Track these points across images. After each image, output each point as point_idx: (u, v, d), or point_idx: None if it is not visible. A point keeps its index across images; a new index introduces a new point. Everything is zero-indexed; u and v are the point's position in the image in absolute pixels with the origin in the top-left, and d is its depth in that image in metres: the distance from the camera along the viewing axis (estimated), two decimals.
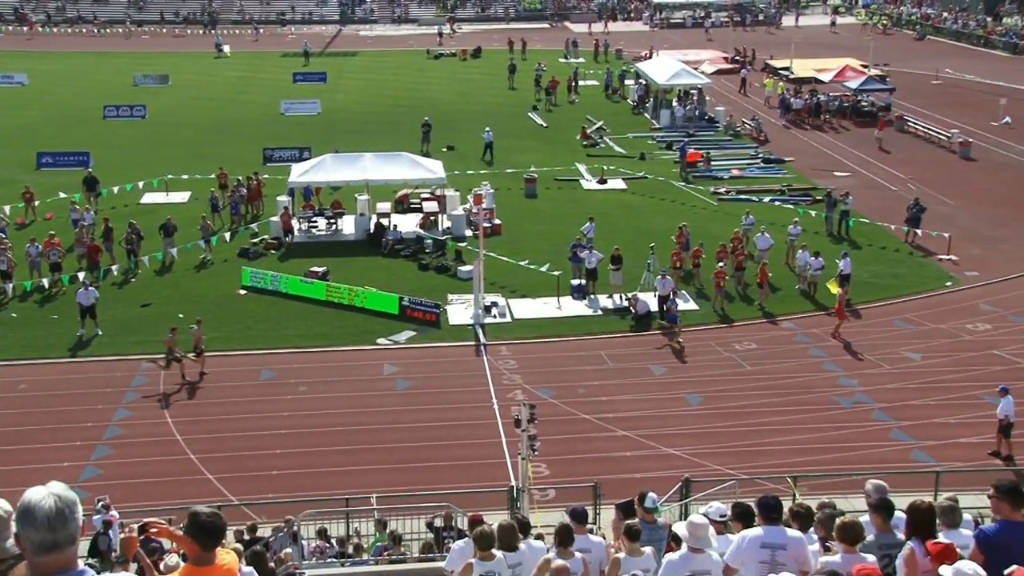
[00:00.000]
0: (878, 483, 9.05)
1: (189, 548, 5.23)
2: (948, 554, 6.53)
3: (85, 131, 51.19)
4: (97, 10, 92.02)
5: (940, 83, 62.32)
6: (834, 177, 42.02)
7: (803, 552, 8.05)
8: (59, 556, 3.76)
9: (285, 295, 30.43)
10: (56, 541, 3.74)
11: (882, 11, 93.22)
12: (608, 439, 22.34)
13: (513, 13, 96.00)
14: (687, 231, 32.42)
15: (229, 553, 5.39)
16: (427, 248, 34.04)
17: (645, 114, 55.38)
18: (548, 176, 42.04)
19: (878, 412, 23.42)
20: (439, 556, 14.89)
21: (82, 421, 23.32)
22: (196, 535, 5.14)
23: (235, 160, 42.68)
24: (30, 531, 3.73)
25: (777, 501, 8.52)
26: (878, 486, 8.86)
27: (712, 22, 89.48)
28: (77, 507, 3.81)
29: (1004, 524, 7.02)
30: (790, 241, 32.31)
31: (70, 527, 3.76)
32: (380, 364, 26.41)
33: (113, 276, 31.38)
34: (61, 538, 3.74)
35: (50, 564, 3.76)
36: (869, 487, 8.95)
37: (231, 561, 5.31)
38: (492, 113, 55.58)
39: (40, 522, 3.71)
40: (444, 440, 22.48)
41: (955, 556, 6.56)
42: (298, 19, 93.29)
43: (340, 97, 60.02)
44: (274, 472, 21.23)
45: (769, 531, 8.18)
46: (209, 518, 5.17)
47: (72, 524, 3.77)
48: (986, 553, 6.74)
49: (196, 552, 5.18)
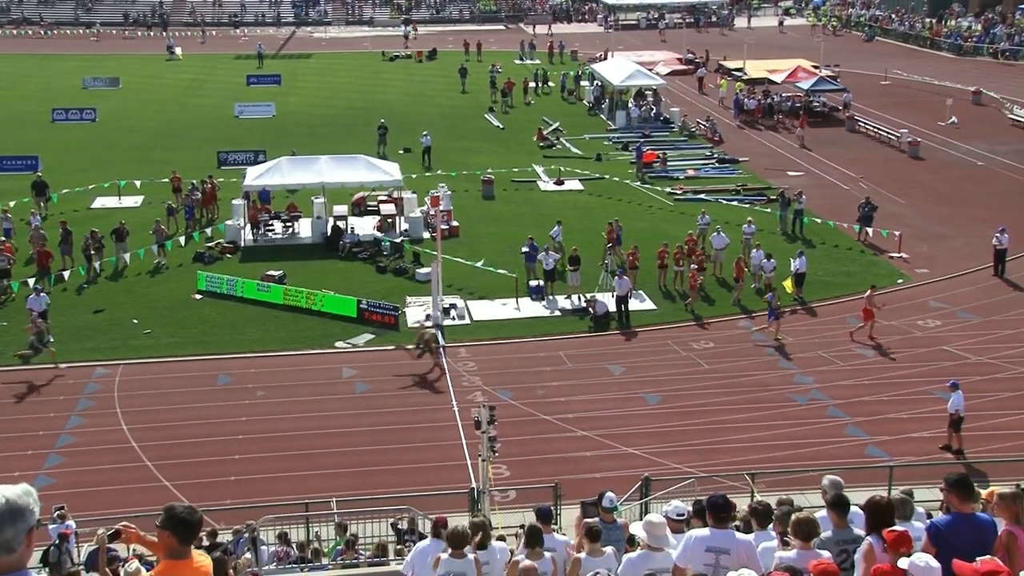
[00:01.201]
0: (834, 479, 9.19)
1: (164, 544, 5.24)
2: (903, 541, 6.65)
3: (33, 135, 50.32)
4: (44, 12, 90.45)
5: (889, 83, 63.38)
6: (788, 177, 42.56)
7: (749, 556, 7.96)
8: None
9: (241, 299, 30.15)
10: None
11: (832, 13, 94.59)
12: (568, 439, 22.42)
13: (468, 15, 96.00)
14: (618, 227, 32.70)
15: (204, 556, 5.42)
16: (384, 251, 33.93)
17: (601, 115, 55.67)
18: (505, 178, 42.11)
19: (832, 408, 23.76)
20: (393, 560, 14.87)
21: (33, 429, 22.91)
22: (174, 528, 5.19)
23: (189, 163, 42.22)
24: None
25: (726, 500, 8.43)
26: (834, 482, 9.00)
27: (666, 23, 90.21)
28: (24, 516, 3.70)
29: (954, 516, 7.17)
30: (745, 240, 32.67)
31: (7, 534, 3.67)
32: (339, 367, 26.27)
33: (66, 282, 30.82)
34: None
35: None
36: (825, 483, 9.08)
37: (206, 563, 5.34)
38: (448, 115, 55.56)
39: None
40: (404, 443, 22.41)
41: (910, 544, 6.70)
42: (251, 21, 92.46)
43: (295, 100, 59.58)
44: (232, 478, 21.03)
45: (716, 534, 8.11)
46: (186, 511, 5.24)
47: (10, 532, 3.67)
48: (937, 544, 6.88)
49: (172, 546, 5.21)
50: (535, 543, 9.50)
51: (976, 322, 28.62)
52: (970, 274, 32.29)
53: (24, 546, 3.71)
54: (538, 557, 9.40)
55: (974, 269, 32.61)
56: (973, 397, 22.69)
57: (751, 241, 32.49)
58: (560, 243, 31.99)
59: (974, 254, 33.68)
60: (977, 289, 31.06)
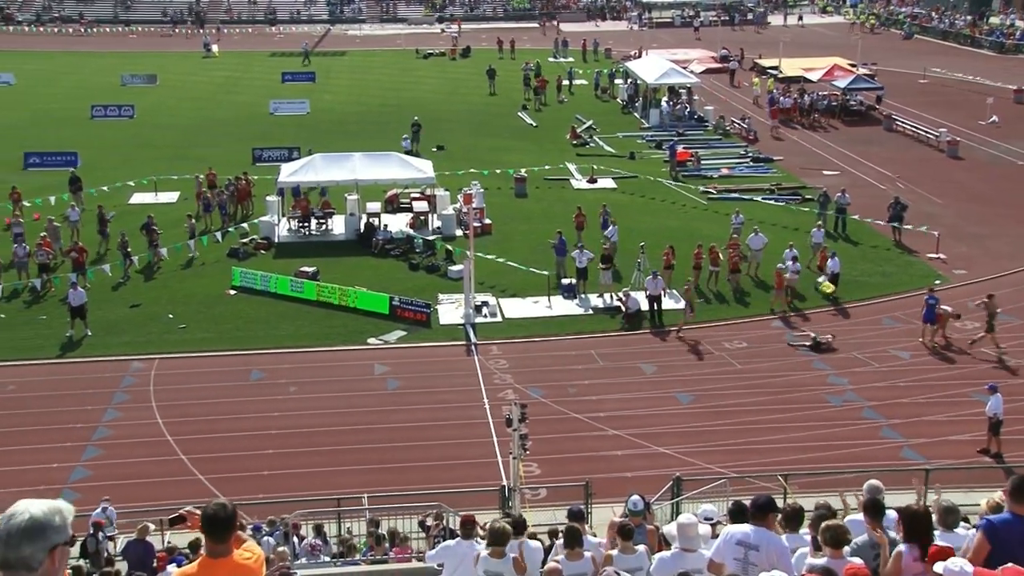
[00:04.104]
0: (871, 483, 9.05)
1: (205, 540, 5.20)
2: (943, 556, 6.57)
3: (73, 131, 50.96)
4: (84, 9, 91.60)
5: (927, 82, 62.59)
6: (823, 176, 42.16)
7: (780, 556, 7.90)
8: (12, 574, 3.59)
9: (275, 295, 30.36)
10: (7, 559, 3.57)
11: (870, 10, 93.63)
12: (599, 438, 22.36)
13: (502, 12, 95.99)
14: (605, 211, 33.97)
15: (250, 551, 5.24)
16: (417, 248, 34.01)
17: (634, 113, 55.44)
18: (538, 176, 42.05)
19: (868, 410, 23.51)
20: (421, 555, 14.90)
21: (71, 422, 23.21)
22: (204, 527, 5.11)
23: (224, 160, 42.55)
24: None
25: (767, 501, 8.42)
26: (870, 487, 8.86)
27: (701, 21, 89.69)
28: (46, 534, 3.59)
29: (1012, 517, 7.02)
30: (815, 246, 32.06)
31: (24, 551, 3.55)
32: (370, 364, 26.37)
33: (107, 276, 31.13)
34: (13, 558, 3.56)
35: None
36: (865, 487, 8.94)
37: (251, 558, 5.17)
38: (481, 113, 55.62)
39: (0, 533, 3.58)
40: (435, 440, 22.46)
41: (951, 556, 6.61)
42: (286, 18, 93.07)
43: (329, 97, 59.89)
44: (265, 472, 21.19)
45: (754, 531, 8.07)
46: (213, 508, 5.11)
47: (28, 550, 3.56)
48: (992, 542, 6.75)
49: (208, 544, 5.16)
50: (574, 544, 9.47)
51: (1015, 324, 28.18)
52: (1010, 275, 31.81)
53: (47, 564, 3.59)
54: (578, 558, 9.36)
55: (1014, 270, 32.13)
56: (1012, 400, 22.35)
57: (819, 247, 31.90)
58: (615, 243, 31.78)
59: (1014, 255, 33.19)
60: (1017, 290, 30.58)
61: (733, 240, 31.86)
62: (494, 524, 9.88)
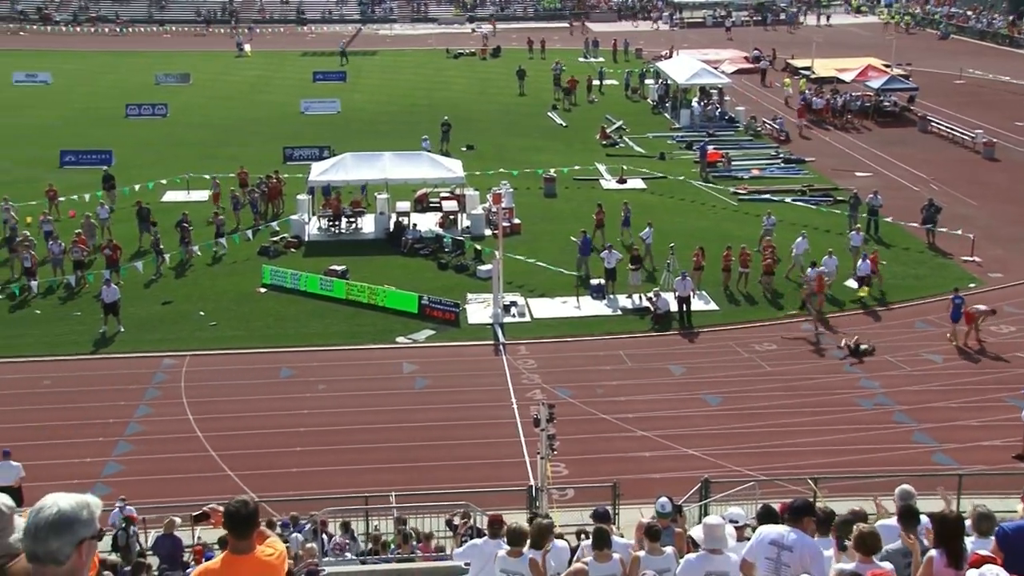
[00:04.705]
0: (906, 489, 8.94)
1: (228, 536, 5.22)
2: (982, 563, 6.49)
3: (108, 130, 51.53)
4: (119, 9, 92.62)
5: (964, 83, 61.84)
6: (855, 177, 41.77)
7: (813, 559, 7.88)
8: (41, 568, 3.60)
9: (305, 293, 30.53)
10: (35, 553, 3.58)
11: (905, 10, 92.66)
12: (627, 439, 22.29)
13: (532, 12, 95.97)
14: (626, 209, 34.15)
15: (272, 547, 5.25)
16: (446, 247, 34.08)
17: (665, 114, 55.23)
18: (567, 176, 41.99)
19: (899, 414, 23.26)
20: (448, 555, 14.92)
21: (104, 417, 23.46)
22: (225, 523, 5.14)
23: (255, 159, 42.85)
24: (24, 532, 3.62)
25: (804, 504, 8.42)
26: (902, 492, 8.75)
27: (732, 21, 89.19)
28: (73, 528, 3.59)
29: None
30: (853, 249, 31.75)
31: (52, 545, 3.56)
32: (399, 363, 26.45)
33: (139, 273, 31.42)
34: (41, 552, 3.57)
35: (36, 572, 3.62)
36: (896, 492, 8.84)
37: (273, 555, 5.19)
38: (511, 112, 55.64)
39: (27, 528, 3.59)
40: (463, 439, 22.49)
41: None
42: (317, 18, 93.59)
43: (359, 96, 60.15)
44: (293, 469, 21.30)
45: (789, 532, 8.08)
46: (235, 504, 5.12)
47: (56, 544, 3.56)
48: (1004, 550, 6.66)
49: (229, 540, 5.18)
50: (603, 545, 9.44)
51: None
52: None
53: (75, 558, 3.60)
54: (606, 559, 9.34)
55: None
56: None
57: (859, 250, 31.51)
58: (649, 245, 31.66)
59: None
60: None
61: (767, 242, 31.57)
62: (513, 524, 9.91)
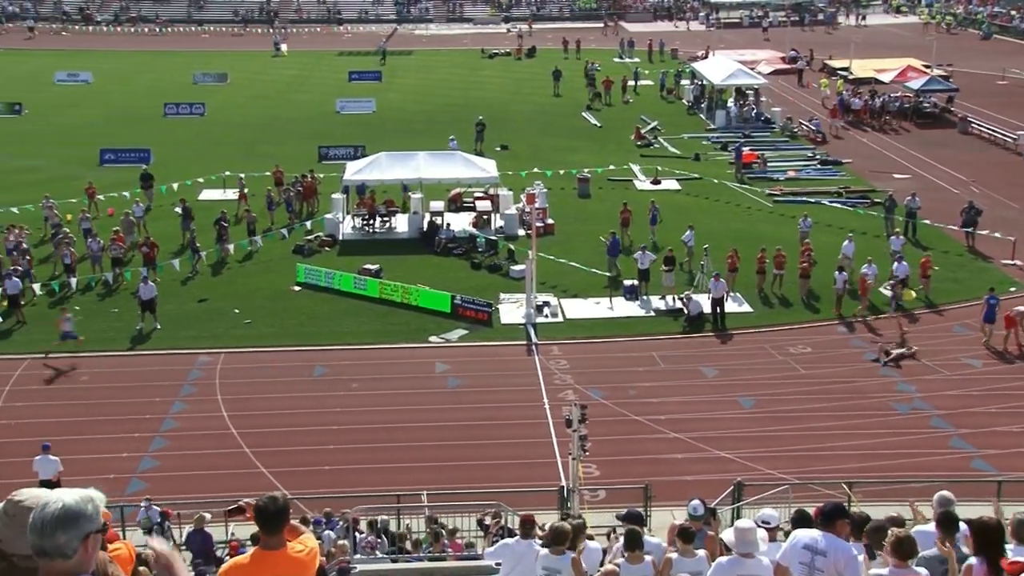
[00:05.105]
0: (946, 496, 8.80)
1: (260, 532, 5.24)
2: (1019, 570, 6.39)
3: (146, 128, 52.13)
4: (159, 9, 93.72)
5: (1007, 83, 60.92)
6: (893, 179, 41.30)
7: (847, 564, 7.77)
8: (49, 564, 3.61)
9: (339, 292, 30.70)
10: (43, 548, 3.59)
11: (947, 10, 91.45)
12: (659, 441, 22.19)
13: (568, 12, 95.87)
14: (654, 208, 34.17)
15: (303, 544, 5.23)
16: (479, 247, 34.11)
17: (700, 114, 54.93)
18: (601, 176, 41.89)
19: (936, 419, 22.96)
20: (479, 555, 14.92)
21: (140, 413, 23.73)
22: (256, 519, 5.15)
23: (291, 158, 43.14)
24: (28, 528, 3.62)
25: (835, 507, 8.32)
26: (941, 498, 8.61)
27: (770, 22, 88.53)
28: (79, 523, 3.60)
29: None
30: (893, 253, 31.25)
31: (59, 539, 3.56)
32: (432, 362, 26.51)
33: (176, 271, 31.75)
34: (48, 546, 3.58)
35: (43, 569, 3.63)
36: (936, 499, 8.70)
37: (303, 551, 5.17)
38: (545, 113, 55.59)
39: (32, 523, 3.59)
40: (494, 439, 22.50)
41: None
42: (354, 18, 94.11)
43: (394, 96, 60.39)
44: (326, 467, 21.42)
45: (823, 537, 7.97)
46: (265, 500, 5.11)
47: (62, 538, 3.57)
48: None
49: (261, 536, 5.19)
50: (635, 546, 9.42)
51: None
52: None
53: (81, 552, 3.62)
54: (638, 561, 9.31)
55: None
56: None
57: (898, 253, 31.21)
58: (691, 247, 31.44)
59: None
60: None
61: (806, 245, 31.17)
62: (555, 523, 9.93)
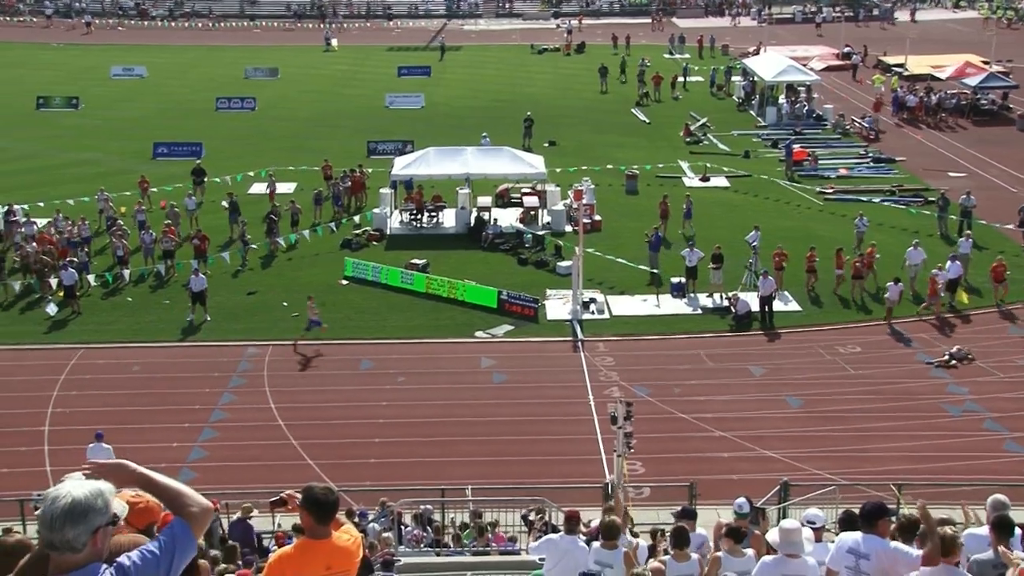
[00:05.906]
0: (1000, 499, 8.62)
1: (304, 523, 5.37)
2: None
3: (198, 122, 52.84)
4: (212, 4, 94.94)
5: None
6: (948, 177, 40.56)
7: (892, 566, 7.68)
8: (58, 558, 3.62)
9: (386, 286, 30.88)
10: (52, 541, 3.59)
11: (1007, 5, 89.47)
12: (705, 439, 22.05)
13: (617, 7, 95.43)
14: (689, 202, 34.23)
15: (349, 533, 5.44)
16: (526, 243, 34.11)
17: (750, 111, 54.37)
18: (650, 173, 41.66)
19: (989, 422, 22.54)
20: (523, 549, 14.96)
21: (190, 403, 24.10)
22: (310, 508, 5.29)
23: (340, 152, 43.48)
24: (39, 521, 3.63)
25: (875, 507, 8.18)
26: (995, 502, 8.43)
27: (823, 17, 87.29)
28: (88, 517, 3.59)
29: None
30: (962, 256, 30.76)
31: (68, 533, 3.56)
32: (477, 357, 26.59)
33: (226, 264, 32.17)
34: (57, 540, 3.58)
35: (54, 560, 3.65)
36: (988, 502, 8.53)
37: (349, 540, 5.38)
38: (594, 109, 55.39)
39: (42, 517, 3.59)
40: (539, 435, 22.51)
41: None
42: (403, 13, 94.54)
43: (443, 91, 60.56)
44: (372, 460, 21.60)
45: (864, 539, 7.91)
46: (322, 492, 5.31)
47: (71, 532, 3.57)
48: None
49: (310, 526, 5.32)
50: (682, 544, 9.41)
51: None
52: None
53: (91, 546, 3.62)
54: (685, 559, 9.30)
55: None
56: None
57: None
58: (756, 248, 30.62)
59: None
60: None
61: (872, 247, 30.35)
62: (607, 519, 10.05)
